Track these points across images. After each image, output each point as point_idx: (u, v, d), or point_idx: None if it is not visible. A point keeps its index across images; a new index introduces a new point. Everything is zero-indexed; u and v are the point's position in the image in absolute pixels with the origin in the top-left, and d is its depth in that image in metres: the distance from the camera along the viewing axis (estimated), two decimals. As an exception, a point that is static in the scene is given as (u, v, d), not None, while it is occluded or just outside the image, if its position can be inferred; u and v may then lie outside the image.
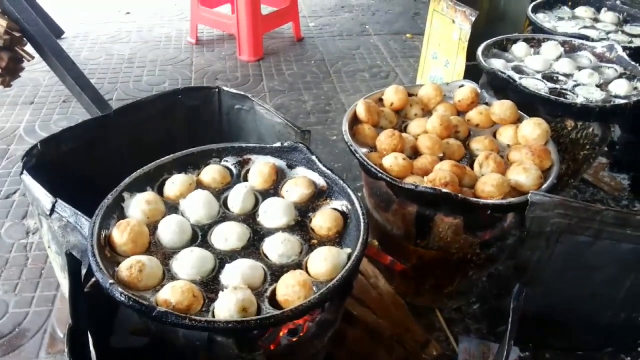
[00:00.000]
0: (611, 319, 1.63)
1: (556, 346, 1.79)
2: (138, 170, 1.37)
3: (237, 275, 1.13)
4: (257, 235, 1.28)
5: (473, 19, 2.48)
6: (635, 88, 2.01)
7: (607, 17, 2.63)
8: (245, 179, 1.45)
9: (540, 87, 1.99)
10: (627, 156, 2.59)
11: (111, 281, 1.06)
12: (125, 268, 1.10)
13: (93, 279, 1.24)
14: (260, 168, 1.42)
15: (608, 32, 2.51)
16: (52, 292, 1.96)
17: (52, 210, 1.39)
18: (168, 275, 1.14)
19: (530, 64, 2.17)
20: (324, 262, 1.15)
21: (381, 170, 1.52)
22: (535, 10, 2.61)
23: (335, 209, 1.34)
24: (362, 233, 1.22)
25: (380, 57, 3.93)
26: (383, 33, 4.33)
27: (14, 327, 1.83)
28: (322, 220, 1.28)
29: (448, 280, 1.80)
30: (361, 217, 1.26)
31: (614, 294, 1.57)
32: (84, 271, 1.24)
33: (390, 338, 1.67)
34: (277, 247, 1.21)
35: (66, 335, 1.12)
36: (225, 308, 1.04)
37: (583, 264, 1.51)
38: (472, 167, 1.62)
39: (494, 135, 1.78)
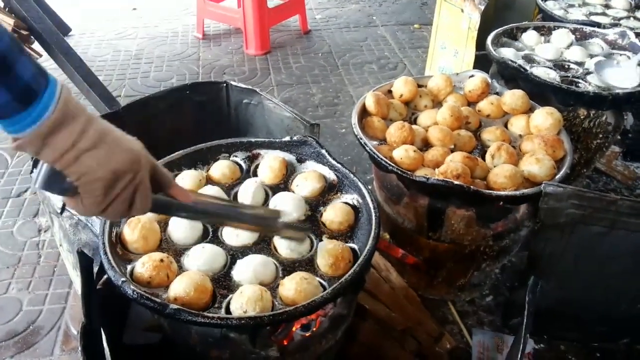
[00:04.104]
0: (627, 310, 1.62)
1: (571, 338, 1.77)
2: (148, 167, 1.37)
3: (249, 271, 1.13)
4: (268, 230, 1.27)
5: (482, 7, 2.45)
6: (649, 75, 1.97)
7: (619, 3, 2.59)
8: (255, 174, 1.44)
9: (552, 75, 1.97)
10: (641, 144, 2.56)
11: (123, 279, 1.05)
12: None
13: (105, 277, 1.24)
14: (270, 163, 1.42)
15: (620, 19, 2.47)
16: (65, 290, 1.97)
17: (63, 208, 1.39)
18: (180, 272, 1.14)
19: (541, 52, 2.14)
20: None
21: (392, 163, 1.50)
22: (545, -3, 2.58)
23: (346, 202, 1.33)
24: (373, 227, 1.21)
25: (388, 48, 3.90)
26: (390, 24, 4.30)
27: (28, 325, 1.84)
28: (333, 215, 1.28)
29: (461, 273, 1.79)
30: (372, 210, 1.25)
31: (630, 285, 1.55)
32: (95, 269, 1.24)
33: (403, 331, 1.67)
34: (288, 243, 1.20)
35: (79, 333, 1.12)
36: (239, 304, 1.04)
37: (598, 255, 1.49)
38: (483, 158, 1.60)
39: (506, 125, 1.76)
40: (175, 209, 0.98)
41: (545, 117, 1.64)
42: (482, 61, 2.30)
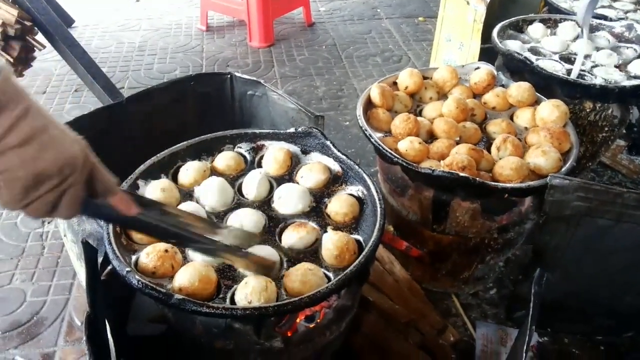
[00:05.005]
0: (632, 304, 1.61)
1: (575, 331, 1.77)
2: (152, 158, 1.37)
3: (254, 262, 1.12)
4: (273, 221, 1.26)
5: (488, 0, 2.43)
6: (656, 68, 1.96)
7: (626, -5, 2.57)
8: (260, 166, 1.44)
9: (558, 68, 1.96)
10: (646, 138, 2.55)
11: (128, 269, 1.05)
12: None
13: (109, 267, 1.23)
14: (275, 154, 1.41)
15: (627, 12, 2.45)
16: (69, 281, 1.97)
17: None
18: (184, 263, 1.14)
19: (547, 45, 2.13)
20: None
21: (397, 155, 1.50)
22: (552, -11, 2.56)
23: (351, 194, 1.32)
24: (379, 218, 1.20)
25: (392, 41, 3.89)
26: (395, 16, 4.28)
27: (32, 316, 1.84)
28: (338, 206, 1.27)
29: (465, 266, 1.79)
30: (378, 202, 1.24)
31: (635, 278, 1.54)
32: (100, 259, 1.24)
33: (407, 324, 1.67)
34: (293, 236, 1.20)
35: (84, 323, 1.12)
36: (243, 295, 1.04)
37: (603, 248, 1.48)
38: (489, 150, 1.59)
39: (511, 118, 1.75)
40: (112, 219, 0.93)
41: (551, 110, 1.63)
42: (488, 54, 2.28)
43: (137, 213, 0.92)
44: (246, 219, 1.23)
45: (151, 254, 1.10)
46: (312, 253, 1.18)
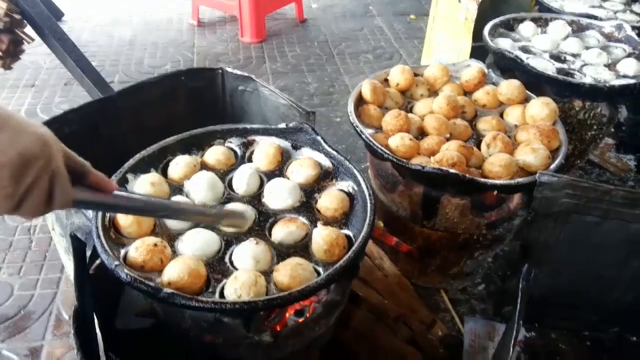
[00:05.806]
0: (618, 300, 1.63)
1: (562, 326, 1.79)
2: (142, 152, 1.36)
3: (245, 257, 1.12)
4: (263, 216, 1.26)
5: (479, -2, 2.44)
6: (644, 67, 1.98)
7: (615, -5, 2.59)
8: (250, 160, 1.44)
9: (548, 67, 1.97)
10: (634, 137, 2.58)
11: (116, 262, 1.05)
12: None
13: (98, 261, 1.23)
14: (265, 149, 1.41)
15: (616, 11, 2.47)
16: (56, 275, 1.96)
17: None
18: (174, 257, 1.13)
19: (538, 43, 2.14)
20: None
21: (387, 151, 1.50)
22: (543, -12, 2.57)
23: (341, 190, 1.32)
24: (369, 214, 1.20)
25: (384, 38, 3.89)
26: (387, 14, 4.28)
27: (19, 310, 1.83)
28: (328, 202, 1.27)
29: (454, 261, 1.80)
30: (368, 198, 1.24)
31: (622, 275, 1.56)
32: (88, 253, 1.23)
33: (396, 319, 1.67)
34: (282, 231, 1.20)
35: (72, 317, 1.12)
36: (233, 289, 1.04)
37: (591, 245, 1.50)
38: (479, 147, 1.60)
39: (501, 115, 1.76)
40: (100, 203, 0.87)
41: (541, 108, 1.64)
42: (479, 52, 2.29)
43: (118, 188, 0.89)
44: (236, 214, 1.23)
45: (140, 247, 1.10)
46: (302, 248, 1.18)
